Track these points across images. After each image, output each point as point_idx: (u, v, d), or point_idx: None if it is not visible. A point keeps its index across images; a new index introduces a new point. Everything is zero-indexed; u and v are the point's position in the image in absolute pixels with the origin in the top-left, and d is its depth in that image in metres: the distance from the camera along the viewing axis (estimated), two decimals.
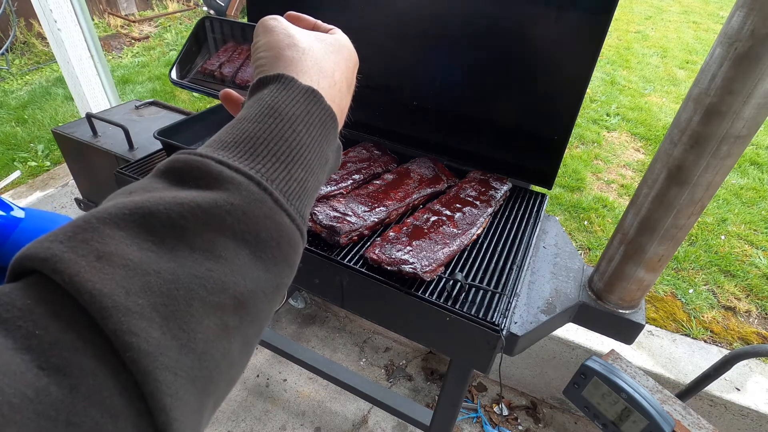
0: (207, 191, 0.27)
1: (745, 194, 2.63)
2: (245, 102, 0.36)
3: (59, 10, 1.99)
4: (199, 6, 5.63)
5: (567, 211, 2.44)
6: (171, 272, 0.23)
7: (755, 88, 0.65)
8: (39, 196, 2.15)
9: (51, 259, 0.21)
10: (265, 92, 0.34)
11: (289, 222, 0.29)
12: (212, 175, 0.27)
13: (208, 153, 0.29)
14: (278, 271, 0.29)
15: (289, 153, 0.31)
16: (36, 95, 3.40)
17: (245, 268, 0.27)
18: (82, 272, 0.21)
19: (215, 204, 0.26)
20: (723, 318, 1.85)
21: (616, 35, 5.29)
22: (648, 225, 0.85)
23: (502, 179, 1.13)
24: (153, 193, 0.26)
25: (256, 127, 0.31)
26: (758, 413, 1.39)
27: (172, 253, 0.24)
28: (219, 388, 0.26)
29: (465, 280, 0.85)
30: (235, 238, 0.26)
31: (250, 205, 0.27)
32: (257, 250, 0.27)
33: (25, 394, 0.18)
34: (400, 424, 1.71)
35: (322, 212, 0.95)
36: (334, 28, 0.45)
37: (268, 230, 0.28)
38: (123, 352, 0.21)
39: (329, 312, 2.14)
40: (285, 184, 0.30)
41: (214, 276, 0.25)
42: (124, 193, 0.27)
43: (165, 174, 0.28)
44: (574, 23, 0.95)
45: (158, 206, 0.25)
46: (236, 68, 0.52)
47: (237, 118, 0.33)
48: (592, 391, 0.86)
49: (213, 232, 0.26)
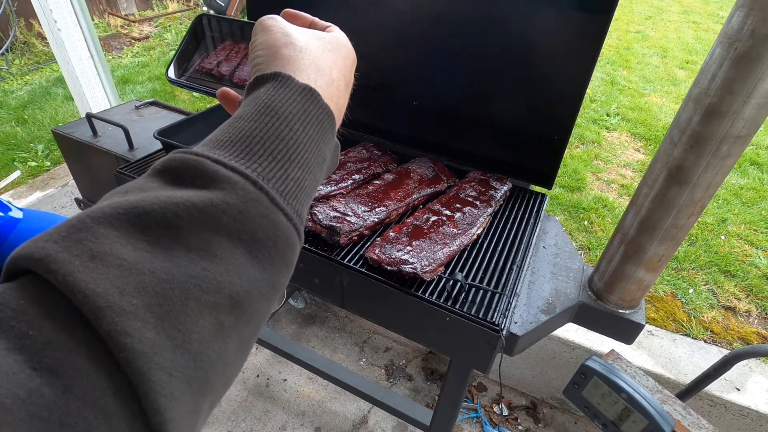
0: (203, 190, 0.26)
1: (745, 194, 2.63)
2: (242, 100, 0.35)
3: (59, 10, 1.99)
4: (199, 6, 5.64)
5: (567, 211, 2.44)
6: (166, 272, 0.23)
7: (755, 88, 0.65)
8: (39, 196, 2.15)
9: (45, 259, 0.21)
10: (262, 91, 0.34)
11: (286, 221, 0.29)
12: (208, 174, 0.27)
13: (204, 152, 0.28)
14: (275, 271, 0.29)
15: (286, 152, 0.31)
16: (36, 95, 3.40)
17: (241, 267, 0.26)
18: (76, 272, 0.21)
19: (211, 203, 0.26)
20: (723, 318, 1.85)
21: (616, 35, 5.29)
22: (648, 225, 0.85)
23: (502, 179, 1.13)
24: (148, 192, 0.26)
25: (253, 125, 0.31)
26: (758, 413, 1.39)
27: (167, 252, 0.24)
28: (215, 389, 0.26)
29: (465, 280, 0.85)
30: (230, 238, 0.26)
31: (247, 204, 0.27)
32: (253, 250, 0.27)
33: (17, 395, 0.18)
34: (400, 424, 1.71)
35: (322, 212, 0.95)
36: (331, 26, 0.45)
37: (265, 230, 0.28)
38: (117, 353, 0.20)
39: (329, 312, 2.14)
40: (282, 183, 0.30)
41: (209, 275, 0.25)
42: (120, 193, 0.26)
43: (161, 173, 0.28)
44: (574, 23, 0.95)
45: (153, 205, 0.25)
46: (234, 67, 0.52)
47: (233, 116, 0.32)
48: (592, 391, 0.87)
49: (209, 232, 0.25)
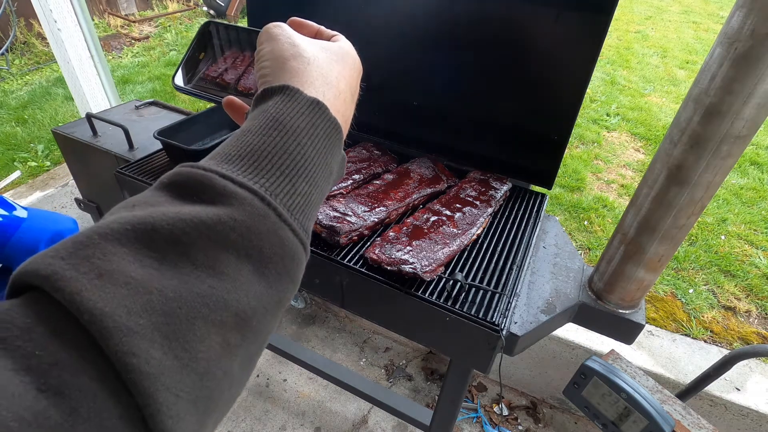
0: (211, 206, 0.26)
1: (745, 194, 2.63)
2: (249, 112, 0.35)
3: (59, 10, 1.99)
4: (199, 6, 5.63)
5: (567, 211, 2.44)
6: (173, 290, 0.23)
7: (755, 88, 0.65)
8: (39, 196, 2.15)
9: (52, 276, 0.21)
10: (270, 104, 0.34)
11: (293, 237, 0.29)
12: (216, 190, 0.27)
13: (212, 167, 0.28)
14: (281, 287, 0.29)
15: (294, 166, 0.31)
16: (36, 95, 3.40)
17: (248, 284, 0.26)
18: (84, 291, 0.21)
19: (219, 220, 0.26)
20: (723, 318, 1.85)
21: (616, 35, 5.29)
22: (648, 225, 0.85)
23: (502, 179, 1.13)
24: (156, 207, 0.26)
25: (260, 140, 0.31)
26: (758, 413, 1.39)
27: (175, 269, 0.24)
28: (219, 407, 0.26)
29: (465, 280, 0.85)
30: (238, 254, 0.26)
31: (254, 220, 0.27)
32: (260, 266, 0.27)
33: (23, 418, 0.18)
34: (400, 424, 1.71)
35: (322, 212, 0.95)
36: (337, 35, 0.45)
37: (272, 245, 0.28)
38: (124, 374, 0.20)
39: (329, 312, 2.14)
40: (289, 198, 0.30)
41: (216, 293, 0.25)
42: (127, 207, 0.26)
43: (168, 187, 0.28)
44: (574, 23, 0.95)
45: (161, 221, 0.25)
46: (239, 75, 0.52)
47: (241, 130, 0.32)
48: (592, 391, 0.87)
49: (216, 249, 0.25)
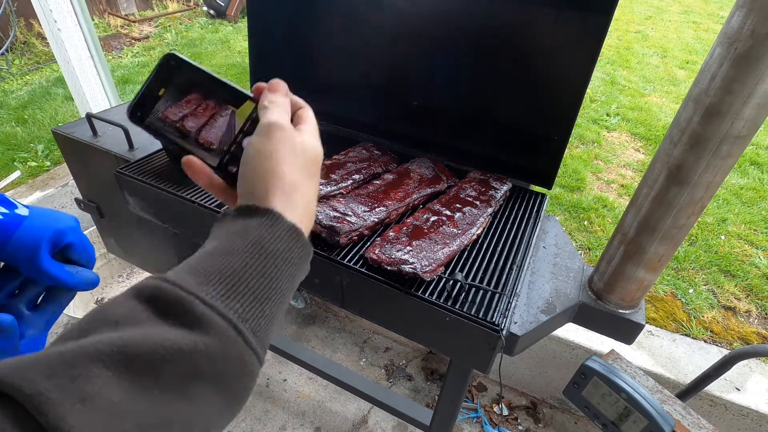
0: (188, 332, 0.29)
1: (745, 194, 2.63)
2: (228, 215, 0.39)
3: (59, 10, 1.99)
4: (199, 6, 5.63)
5: (567, 211, 2.44)
6: (145, 413, 0.26)
7: (755, 88, 0.65)
8: (39, 196, 2.15)
9: (36, 397, 0.22)
10: (254, 224, 0.37)
11: (255, 359, 0.33)
12: (195, 315, 0.30)
13: (194, 290, 0.31)
14: (236, 400, 0.32)
15: (266, 289, 0.35)
16: (36, 95, 3.40)
17: (210, 405, 0.30)
18: (67, 417, 0.22)
19: (195, 348, 0.29)
20: (723, 318, 1.85)
21: (616, 35, 5.28)
22: (648, 225, 0.85)
23: (502, 179, 1.13)
24: (139, 327, 0.28)
25: (242, 262, 0.34)
26: (758, 413, 1.39)
27: (148, 394, 0.26)
28: None
29: (465, 280, 0.85)
30: (203, 380, 0.29)
31: (225, 345, 0.30)
32: (223, 388, 0.30)
33: None
34: (400, 424, 1.71)
35: (322, 212, 0.95)
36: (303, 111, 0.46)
37: (235, 368, 0.31)
38: None
39: (329, 312, 2.14)
40: (256, 321, 0.33)
41: (183, 417, 0.28)
42: (111, 324, 0.28)
43: (150, 302, 0.30)
44: (574, 23, 0.95)
45: (142, 346, 0.27)
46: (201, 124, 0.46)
47: (225, 247, 0.35)
48: (592, 391, 0.87)
49: (188, 376, 0.28)
